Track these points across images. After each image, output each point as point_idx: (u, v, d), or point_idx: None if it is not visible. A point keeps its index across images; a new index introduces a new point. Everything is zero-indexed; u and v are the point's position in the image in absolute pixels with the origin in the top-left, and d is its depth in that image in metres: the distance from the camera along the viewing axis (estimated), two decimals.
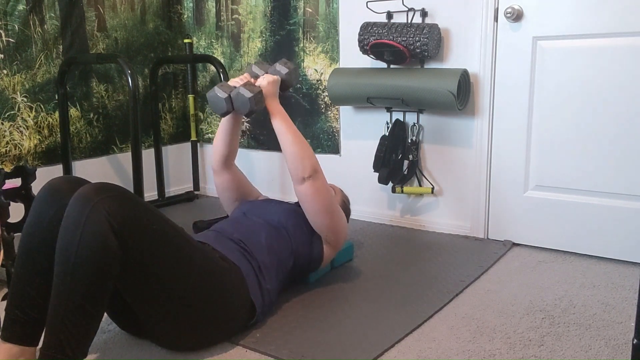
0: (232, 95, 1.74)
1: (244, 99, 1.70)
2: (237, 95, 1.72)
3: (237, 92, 1.73)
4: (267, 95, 1.80)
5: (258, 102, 1.73)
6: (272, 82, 1.82)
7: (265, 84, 1.81)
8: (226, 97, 1.75)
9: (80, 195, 1.33)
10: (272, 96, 1.82)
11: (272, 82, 1.82)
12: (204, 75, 3.39)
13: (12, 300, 1.43)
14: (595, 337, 1.66)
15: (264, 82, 1.82)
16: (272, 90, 1.82)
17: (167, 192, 3.39)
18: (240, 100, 1.71)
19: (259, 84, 1.81)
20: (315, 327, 1.73)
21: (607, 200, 2.26)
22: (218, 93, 1.76)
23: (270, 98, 1.81)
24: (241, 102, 1.71)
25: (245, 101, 1.70)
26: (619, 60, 2.15)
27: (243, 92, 1.71)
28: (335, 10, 2.81)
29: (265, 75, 1.85)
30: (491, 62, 2.41)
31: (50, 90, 2.78)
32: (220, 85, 1.80)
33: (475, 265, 2.23)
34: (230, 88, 1.79)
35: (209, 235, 1.76)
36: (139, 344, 1.64)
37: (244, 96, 1.70)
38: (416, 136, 2.66)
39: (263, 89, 1.80)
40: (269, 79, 1.83)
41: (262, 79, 1.83)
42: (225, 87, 1.79)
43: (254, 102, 1.71)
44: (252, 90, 1.72)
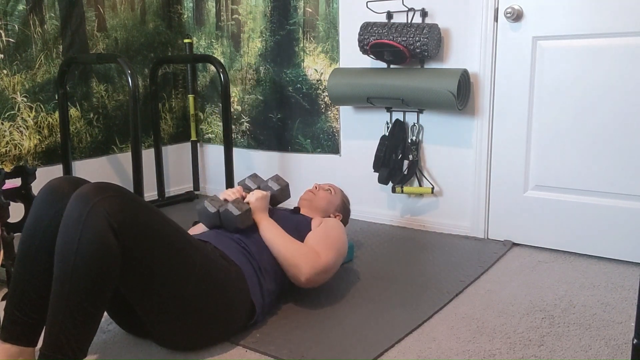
0: (221, 210, 1.80)
1: (231, 217, 1.77)
2: (226, 212, 1.78)
3: (225, 209, 1.79)
4: (256, 210, 1.85)
5: (244, 220, 1.78)
6: (261, 198, 1.87)
7: (253, 200, 1.86)
8: (215, 212, 1.81)
9: (79, 195, 1.33)
10: (260, 211, 1.86)
11: (261, 198, 1.87)
12: (204, 75, 3.39)
13: (11, 300, 1.43)
14: (595, 337, 1.66)
15: (252, 199, 1.86)
16: (260, 205, 1.86)
17: (167, 192, 3.39)
18: (227, 217, 1.78)
19: (248, 200, 1.86)
20: (315, 327, 1.73)
21: (607, 200, 2.26)
22: (208, 207, 1.83)
23: (258, 212, 1.85)
24: (228, 219, 1.78)
25: (232, 218, 1.77)
26: (618, 60, 2.15)
27: (231, 210, 1.77)
28: (335, 10, 2.81)
29: (255, 192, 1.90)
30: (491, 62, 2.41)
31: (50, 90, 2.78)
32: (210, 199, 1.86)
33: (475, 265, 2.23)
34: (220, 203, 1.84)
35: (210, 234, 1.76)
36: (139, 344, 1.64)
37: (231, 214, 1.76)
38: (416, 136, 2.66)
39: (251, 205, 1.84)
40: (258, 195, 1.88)
41: (252, 195, 1.88)
42: (215, 201, 1.85)
43: (239, 221, 1.77)
44: (241, 208, 1.77)
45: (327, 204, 2.17)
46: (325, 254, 1.78)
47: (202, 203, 1.85)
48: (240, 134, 3.29)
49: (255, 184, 2.04)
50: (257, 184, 2.05)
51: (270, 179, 2.06)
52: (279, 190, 2.03)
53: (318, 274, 1.76)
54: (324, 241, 1.82)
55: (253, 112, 3.22)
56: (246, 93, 3.22)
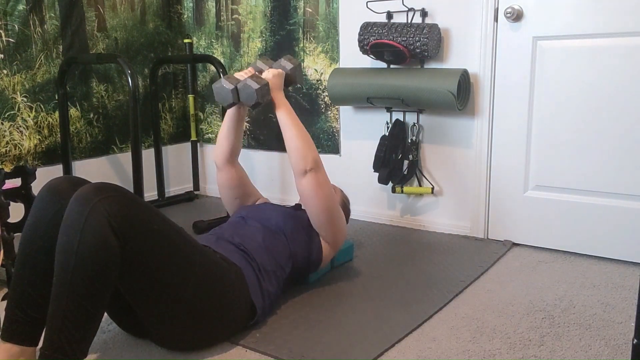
0: (239, 86, 1.76)
1: (250, 91, 1.72)
2: (244, 86, 1.74)
3: (243, 84, 1.75)
4: (273, 88, 1.82)
5: (264, 94, 1.75)
6: (277, 75, 1.84)
7: (270, 76, 1.83)
8: (232, 88, 1.77)
9: (80, 196, 1.33)
10: (277, 89, 1.83)
11: (277, 75, 1.84)
12: (204, 75, 3.39)
13: (12, 300, 1.43)
14: (595, 337, 1.66)
15: (270, 75, 1.84)
16: (277, 83, 1.83)
17: (167, 192, 3.39)
18: (246, 91, 1.73)
19: (264, 77, 1.83)
20: (315, 327, 1.73)
21: (607, 200, 2.26)
22: (224, 84, 1.78)
23: (275, 91, 1.82)
24: (248, 94, 1.73)
25: (251, 92, 1.72)
26: (619, 60, 2.15)
27: (250, 84, 1.72)
28: (335, 10, 2.81)
29: (271, 69, 1.87)
30: (491, 62, 2.41)
31: (50, 90, 2.78)
32: (226, 77, 1.82)
33: (475, 265, 2.23)
34: (236, 80, 1.80)
35: (210, 239, 1.76)
36: (139, 344, 1.64)
37: (250, 87, 1.72)
38: (416, 136, 2.66)
39: (269, 81, 1.82)
40: (274, 72, 1.85)
41: (268, 72, 1.85)
42: (232, 79, 1.80)
43: (260, 94, 1.73)
44: (259, 82, 1.74)
45: None
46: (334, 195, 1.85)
47: (218, 81, 1.80)
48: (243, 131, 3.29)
49: (266, 65, 1.97)
50: (269, 65, 1.98)
51: (282, 58, 1.98)
52: (292, 69, 1.95)
53: (319, 173, 1.78)
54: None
55: (253, 112, 3.22)
56: None
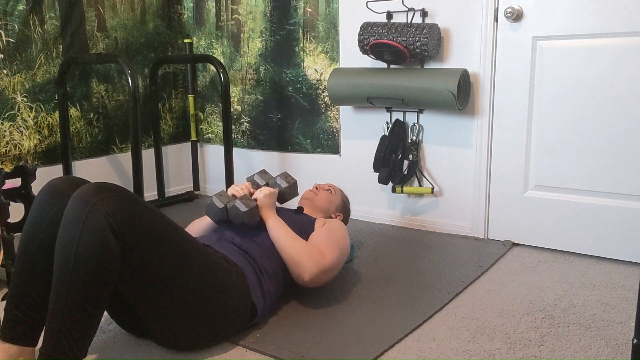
0: (229, 206, 1.82)
1: (238, 213, 1.79)
2: (233, 208, 1.80)
3: (233, 205, 1.80)
4: (263, 207, 1.85)
5: (251, 217, 1.80)
6: (268, 195, 1.88)
7: (261, 197, 1.86)
8: (222, 207, 1.83)
9: (79, 195, 1.33)
10: (267, 208, 1.87)
11: (268, 195, 1.88)
12: (204, 75, 3.39)
13: (11, 300, 1.43)
14: (595, 337, 1.66)
15: (260, 196, 1.87)
16: (268, 202, 1.87)
17: (167, 192, 3.39)
18: (234, 212, 1.80)
19: (256, 197, 1.87)
20: (315, 327, 1.73)
21: (607, 200, 2.26)
22: (216, 202, 1.84)
23: (265, 209, 1.86)
24: (235, 215, 1.80)
25: (239, 215, 1.79)
26: (619, 60, 2.15)
27: (239, 206, 1.79)
28: (335, 10, 2.81)
29: (263, 188, 1.90)
30: (491, 62, 2.41)
31: (50, 90, 2.78)
32: (219, 194, 1.87)
33: (475, 265, 2.23)
34: (228, 198, 1.86)
35: (212, 238, 1.77)
36: (139, 344, 1.64)
37: (239, 210, 1.78)
38: (416, 136, 2.66)
39: (259, 201, 1.85)
40: (266, 192, 1.88)
41: (260, 192, 1.88)
42: (224, 197, 1.86)
43: (247, 216, 1.78)
44: (248, 204, 1.79)
45: (328, 204, 2.17)
46: (329, 253, 1.79)
47: (210, 198, 1.87)
48: (240, 134, 3.29)
49: (263, 180, 2.04)
50: (266, 180, 2.05)
51: (278, 176, 2.06)
52: (287, 188, 2.03)
53: (322, 272, 1.76)
54: (328, 241, 1.83)
55: (253, 112, 3.22)
56: (246, 93, 3.22)
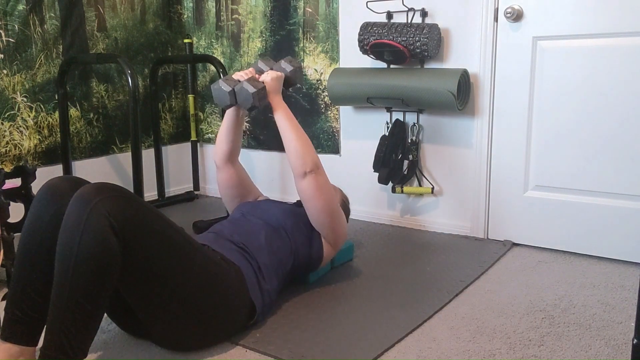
0: (236, 89, 1.77)
1: (247, 94, 1.73)
2: (241, 89, 1.74)
3: (240, 87, 1.75)
4: (271, 91, 1.82)
5: (261, 98, 1.75)
6: (275, 79, 1.84)
7: (269, 79, 1.83)
8: (230, 90, 1.78)
9: (80, 196, 1.33)
10: (275, 92, 1.83)
11: (275, 79, 1.84)
12: (204, 75, 3.39)
13: (11, 300, 1.43)
14: (595, 337, 1.66)
15: (268, 78, 1.83)
16: (275, 86, 1.83)
17: (167, 192, 3.39)
18: (243, 94, 1.74)
19: (262, 80, 1.83)
20: (315, 327, 1.73)
21: (607, 200, 2.26)
22: (222, 86, 1.79)
23: (273, 94, 1.82)
24: (244, 97, 1.74)
25: (248, 96, 1.73)
26: (619, 60, 2.15)
27: (246, 87, 1.73)
28: (335, 10, 2.81)
29: (269, 72, 1.86)
30: (491, 62, 2.41)
31: (50, 90, 2.78)
32: (224, 78, 1.82)
33: (475, 265, 2.23)
34: (234, 82, 1.81)
35: (209, 237, 1.76)
36: (139, 344, 1.64)
37: (247, 91, 1.73)
38: (416, 136, 2.66)
39: (267, 84, 1.82)
40: (273, 75, 1.85)
41: (266, 75, 1.85)
42: (230, 80, 1.81)
43: (257, 98, 1.73)
44: (256, 85, 1.74)
45: None
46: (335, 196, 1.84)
47: (216, 82, 1.81)
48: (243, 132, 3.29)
49: (267, 66, 1.97)
50: (270, 66, 1.98)
51: (283, 60, 1.98)
52: (292, 72, 1.95)
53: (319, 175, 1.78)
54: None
55: (251, 113, 3.21)
56: None
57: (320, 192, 1.81)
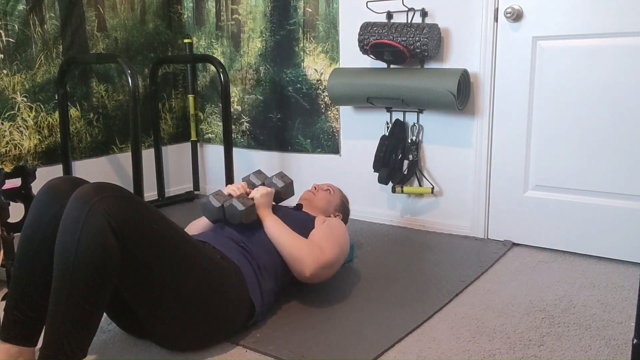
0: (225, 205, 1.81)
1: (235, 212, 1.77)
2: (230, 207, 1.79)
3: (230, 204, 1.79)
4: (260, 206, 1.85)
5: (248, 216, 1.79)
6: (265, 195, 1.87)
7: (258, 196, 1.86)
8: (219, 206, 1.82)
9: (79, 195, 1.33)
10: (264, 207, 1.86)
11: (265, 195, 1.87)
12: (204, 75, 3.39)
13: (11, 300, 1.43)
14: (595, 337, 1.66)
15: (257, 195, 1.86)
16: (264, 202, 1.86)
17: (167, 192, 3.39)
18: (232, 211, 1.79)
19: (252, 196, 1.86)
20: (315, 327, 1.73)
21: (607, 200, 2.26)
22: (212, 202, 1.83)
23: (262, 208, 1.85)
24: (232, 214, 1.79)
25: (236, 214, 1.77)
26: (618, 60, 2.15)
27: (236, 204, 1.78)
28: (335, 10, 2.81)
29: (260, 188, 1.90)
30: (491, 62, 2.41)
31: (50, 90, 2.78)
32: (215, 193, 1.86)
33: (475, 265, 2.23)
34: (224, 198, 1.85)
35: (209, 235, 1.76)
36: (139, 344, 1.64)
37: (236, 209, 1.77)
38: (416, 136, 2.66)
39: (256, 201, 1.85)
40: (263, 191, 1.88)
41: (256, 192, 1.88)
42: (220, 196, 1.85)
43: (244, 215, 1.78)
44: (245, 203, 1.79)
45: (327, 204, 2.17)
46: (329, 249, 1.79)
47: (206, 197, 1.86)
48: (240, 134, 3.29)
49: (259, 180, 2.04)
50: (262, 180, 2.04)
51: (274, 175, 2.06)
52: (283, 187, 2.03)
53: (322, 268, 1.76)
54: (327, 237, 1.83)
55: (253, 112, 3.22)
56: (246, 93, 3.22)
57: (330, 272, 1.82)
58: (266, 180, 2.05)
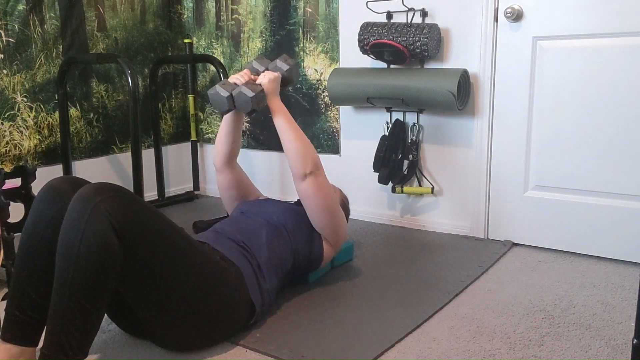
0: (234, 94, 1.75)
1: (245, 98, 1.71)
2: (239, 94, 1.73)
3: (238, 91, 1.73)
4: (268, 93, 1.81)
5: (259, 101, 1.74)
6: (272, 80, 1.83)
7: (266, 82, 1.81)
8: (228, 95, 1.76)
9: (81, 196, 1.33)
10: (273, 94, 1.82)
11: (272, 80, 1.83)
12: (204, 75, 3.39)
13: (11, 300, 1.43)
14: (595, 337, 1.66)
15: (265, 80, 1.82)
16: (273, 88, 1.82)
17: (167, 192, 3.39)
18: (241, 99, 1.73)
19: (259, 82, 1.81)
20: (315, 327, 1.73)
21: (607, 200, 2.26)
22: (220, 91, 1.77)
23: (271, 96, 1.81)
24: (243, 101, 1.72)
25: (247, 100, 1.72)
26: (619, 60, 2.15)
27: (245, 92, 1.72)
28: (335, 10, 2.81)
29: (266, 73, 1.85)
30: (491, 62, 2.41)
31: (50, 90, 2.78)
32: (221, 83, 1.80)
33: (475, 265, 2.23)
34: (231, 86, 1.79)
35: (209, 236, 1.76)
36: (139, 344, 1.64)
37: (245, 95, 1.71)
38: (416, 136, 2.66)
39: (264, 87, 1.80)
40: (270, 76, 1.83)
41: (263, 77, 1.83)
42: (227, 85, 1.79)
43: (255, 102, 1.72)
44: (254, 89, 1.73)
45: None
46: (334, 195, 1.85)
47: (213, 88, 1.79)
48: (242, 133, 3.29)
49: (262, 65, 1.95)
50: (265, 65, 1.95)
51: (278, 59, 1.96)
52: (288, 70, 1.93)
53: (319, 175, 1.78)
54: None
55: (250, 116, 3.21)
56: None
57: (321, 191, 1.81)
58: (270, 65, 1.95)
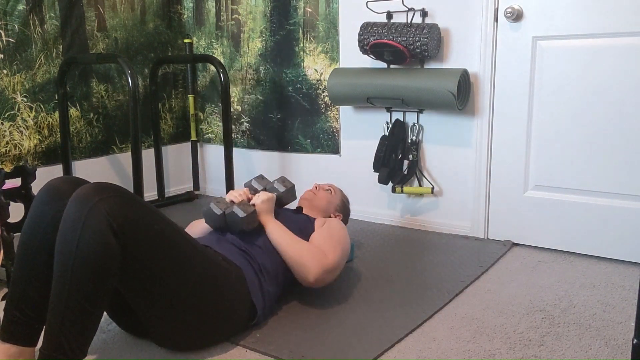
0: (227, 212, 1.80)
1: (237, 219, 1.77)
2: (231, 214, 1.78)
3: (231, 211, 1.79)
4: (261, 212, 1.84)
5: (250, 222, 1.79)
6: (266, 200, 1.86)
7: (259, 202, 1.85)
8: (220, 213, 1.81)
9: (79, 196, 1.33)
10: (265, 213, 1.85)
11: (266, 200, 1.86)
12: (204, 75, 3.39)
13: (11, 300, 1.43)
14: (595, 337, 1.66)
15: (259, 201, 1.85)
16: (266, 208, 1.85)
17: (167, 192, 3.39)
18: (233, 219, 1.78)
19: (254, 202, 1.86)
20: (315, 327, 1.73)
21: (607, 200, 2.26)
22: (214, 209, 1.82)
23: (263, 215, 1.84)
24: (234, 221, 1.78)
25: (237, 220, 1.77)
26: (618, 60, 2.15)
27: (237, 212, 1.77)
28: (335, 10, 2.81)
29: (261, 193, 1.89)
30: (491, 62, 2.41)
31: (50, 90, 2.78)
32: (216, 200, 1.86)
33: (475, 265, 2.23)
34: (225, 205, 1.84)
35: (211, 239, 1.76)
36: (139, 344, 1.64)
37: (237, 216, 1.77)
38: (416, 136, 2.66)
39: (257, 207, 1.84)
40: (264, 197, 1.87)
41: (257, 198, 1.87)
42: (222, 203, 1.84)
43: (245, 222, 1.77)
44: (246, 210, 1.78)
45: (327, 204, 2.18)
46: (331, 252, 1.79)
47: (208, 205, 1.86)
48: (240, 134, 3.29)
49: (261, 185, 2.04)
50: (263, 185, 2.04)
51: (276, 180, 2.06)
52: (284, 192, 2.03)
53: (326, 272, 1.76)
54: (329, 241, 1.83)
55: (253, 112, 3.22)
56: (246, 93, 3.22)
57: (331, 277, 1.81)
58: (267, 185, 2.05)
